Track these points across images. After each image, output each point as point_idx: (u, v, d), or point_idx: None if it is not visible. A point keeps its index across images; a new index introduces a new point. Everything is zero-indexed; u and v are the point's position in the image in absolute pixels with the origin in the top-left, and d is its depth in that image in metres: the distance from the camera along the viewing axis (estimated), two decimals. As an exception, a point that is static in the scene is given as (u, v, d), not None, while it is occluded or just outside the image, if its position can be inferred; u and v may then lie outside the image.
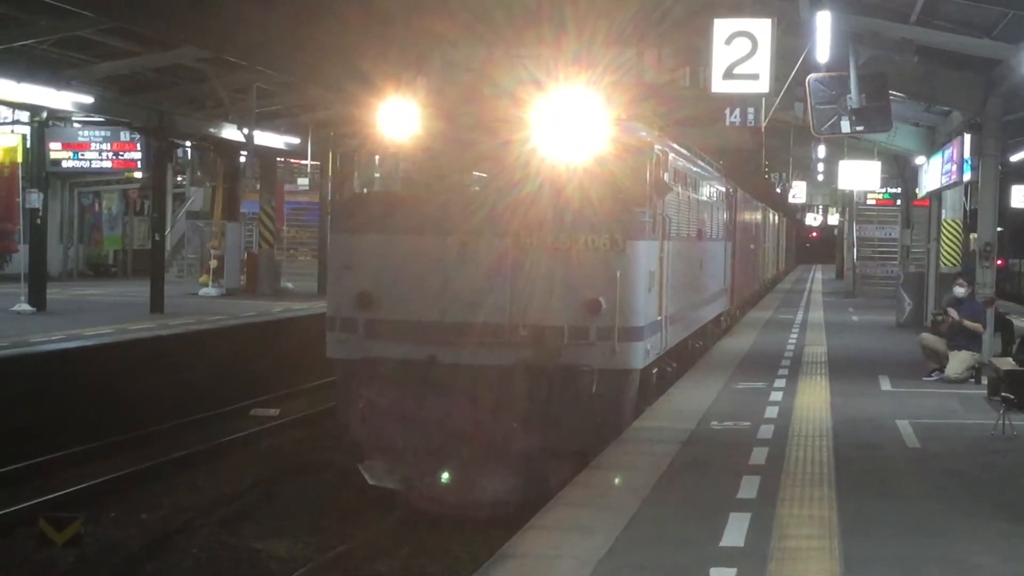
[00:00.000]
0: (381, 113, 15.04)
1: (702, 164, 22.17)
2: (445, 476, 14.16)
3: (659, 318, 15.95)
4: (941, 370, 19.37)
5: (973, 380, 18.98)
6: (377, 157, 16.23)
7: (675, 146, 18.03)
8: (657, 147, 15.64)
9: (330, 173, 15.17)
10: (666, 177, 16.25)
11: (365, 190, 16.49)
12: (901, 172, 38.68)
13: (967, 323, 19.23)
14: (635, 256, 14.61)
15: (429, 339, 14.50)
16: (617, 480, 11.28)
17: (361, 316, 14.81)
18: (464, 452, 14.11)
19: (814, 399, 17.10)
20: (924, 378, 19.44)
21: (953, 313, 19.39)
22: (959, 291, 19.66)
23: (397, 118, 14.94)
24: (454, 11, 18.77)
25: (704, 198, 21.88)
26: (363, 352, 14.71)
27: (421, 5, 19.72)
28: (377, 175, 16.68)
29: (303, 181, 47.58)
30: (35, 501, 15.25)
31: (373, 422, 14.46)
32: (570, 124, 14.31)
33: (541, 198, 14.41)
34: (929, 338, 19.93)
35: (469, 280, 14.49)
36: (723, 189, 25.81)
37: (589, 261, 14.40)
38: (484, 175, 15.69)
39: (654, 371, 16.40)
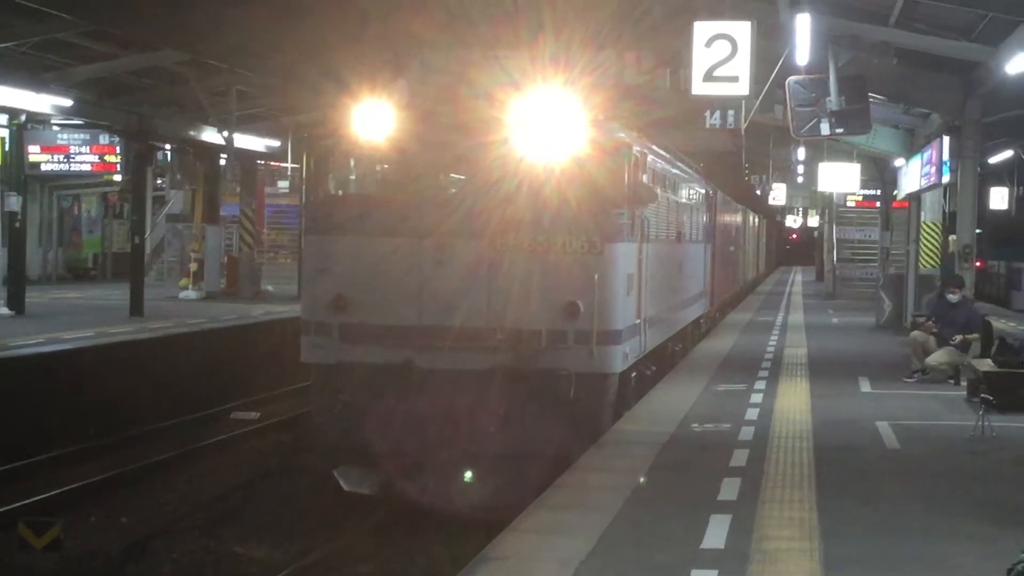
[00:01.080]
0: (356, 114, 14.88)
1: (681, 166, 22.14)
2: (428, 484, 14.03)
3: (638, 321, 15.85)
4: (924, 371, 19.38)
5: (952, 381, 19.02)
6: (352, 159, 16.05)
7: (654, 147, 17.96)
8: (635, 148, 15.52)
9: (304, 175, 15.06)
10: (645, 178, 16.13)
11: (340, 192, 16.32)
12: (881, 174, 38.86)
13: (968, 337, 19.19)
14: (613, 258, 14.50)
15: (405, 343, 14.34)
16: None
17: (336, 320, 14.61)
18: (441, 457, 14.01)
19: (794, 401, 17.14)
20: (905, 379, 19.44)
21: (931, 327, 19.47)
22: (952, 298, 19.59)
23: (372, 119, 14.79)
24: (431, 10, 18.72)
25: (683, 200, 21.85)
26: (338, 356, 14.53)
27: (398, 4, 19.66)
28: (352, 177, 16.54)
29: (283, 184, 47.48)
30: (14, 505, 15.20)
31: (348, 427, 14.33)
32: (547, 125, 14.17)
33: (518, 200, 14.28)
34: (919, 335, 19.87)
35: (445, 283, 14.35)
36: (703, 191, 25.83)
37: (567, 263, 14.26)
38: (461, 176, 15.61)
39: (633, 375, 16.27)
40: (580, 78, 16.29)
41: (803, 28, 17.94)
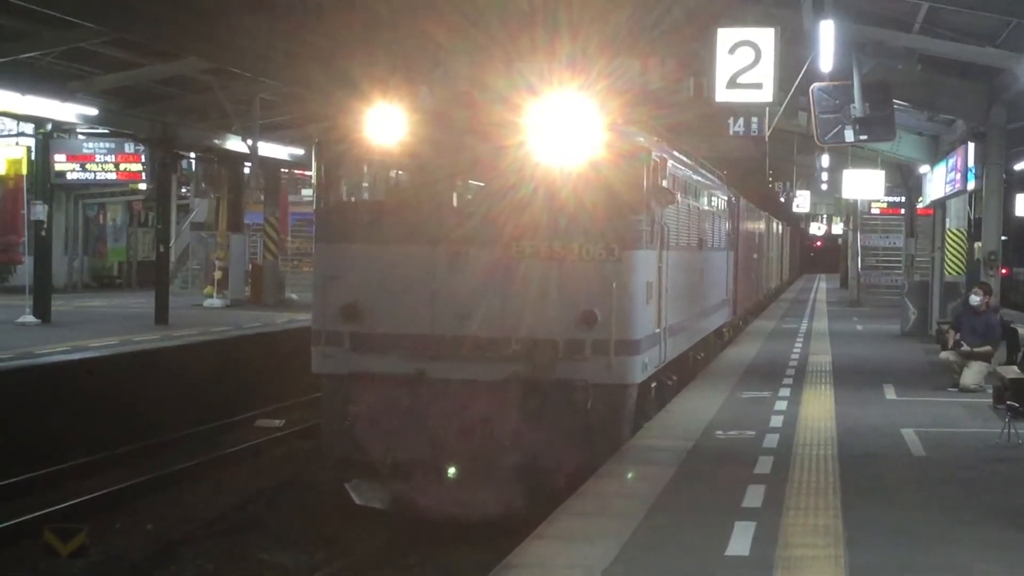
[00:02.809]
0: (368, 118, 14.58)
1: (703, 172, 21.97)
2: (442, 497, 13.82)
3: (657, 330, 15.55)
4: (956, 385, 19.26)
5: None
6: (364, 164, 15.68)
7: (675, 153, 17.73)
8: (655, 153, 15.20)
9: (315, 181, 14.83)
10: (664, 184, 15.84)
11: (353, 199, 15.97)
12: (905, 181, 38.70)
13: (976, 351, 19.13)
14: (632, 266, 14.23)
15: (418, 353, 14.10)
16: (630, 475, 11.10)
17: (347, 329, 14.37)
18: (455, 470, 13.79)
19: (819, 408, 17.09)
20: (950, 388, 19.23)
21: (953, 336, 19.40)
22: (974, 299, 19.51)
23: (385, 123, 14.49)
24: (446, 14, 18.61)
25: (705, 207, 21.66)
26: (349, 367, 14.30)
27: (410, 8, 19.56)
28: (364, 183, 16.18)
29: (307, 192, 47.58)
30: (41, 512, 15.26)
31: (360, 439, 14.11)
32: (564, 129, 13.89)
33: (534, 205, 14.01)
34: (948, 355, 19.80)
35: (459, 291, 14.11)
36: (726, 198, 25.73)
37: (584, 271, 13.98)
38: (476, 182, 15.31)
39: (652, 385, 15.98)
40: (598, 82, 16.13)
41: (827, 35, 17.89)
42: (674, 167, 17.13)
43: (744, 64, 16.91)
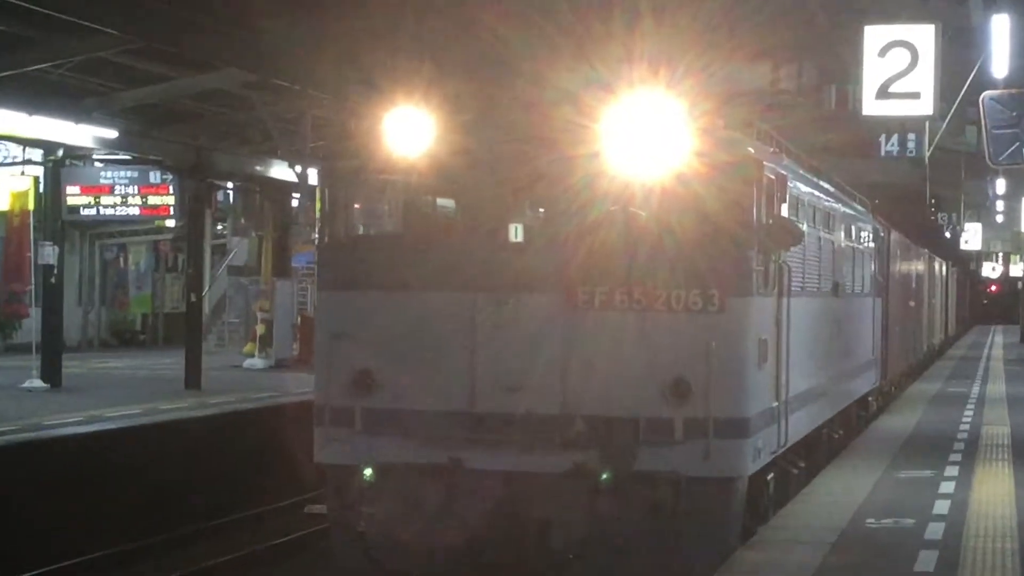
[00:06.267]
0: (389, 126, 13.53)
1: (842, 197, 21.56)
2: None
3: (775, 404, 14.59)
4: None
5: None
6: (384, 186, 14.66)
7: (800, 170, 17.04)
8: (769, 166, 14.08)
9: (318, 210, 13.96)
10: (786, 210, 14.89)
11: (367, 231, 15.12)
12: (1100, 210, 38.29)
13: None
14: (739, 318, 13.28)
15: (452, 436, 13.20)
16: None
17: (359, 404, 13.45)
18: None
19: (995, 490, 16.89)
20: None
21: None
22: None
23: (412, 132, 13.47)
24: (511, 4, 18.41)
25: (844, 242, 21.01)
26: (362, 454, 13.36)
27: None
28: (384, 209, 15.26)
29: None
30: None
31: (377, 550, 13.28)
32: (650, 136, 12.82)
33: (608, 238, 13.16)
34: None
35: (507, 353, 13.19)
36: (873, 231, 25.50)
37: (673, 326, 13.05)
38: (528, 210, 14.32)
39: (770, 477, 14.96)
40: (690, 79, 15.52)
41: (1001, 32, 17.78)
42: (799, 189, 16.22)
43: (898, 69, 16.85)
